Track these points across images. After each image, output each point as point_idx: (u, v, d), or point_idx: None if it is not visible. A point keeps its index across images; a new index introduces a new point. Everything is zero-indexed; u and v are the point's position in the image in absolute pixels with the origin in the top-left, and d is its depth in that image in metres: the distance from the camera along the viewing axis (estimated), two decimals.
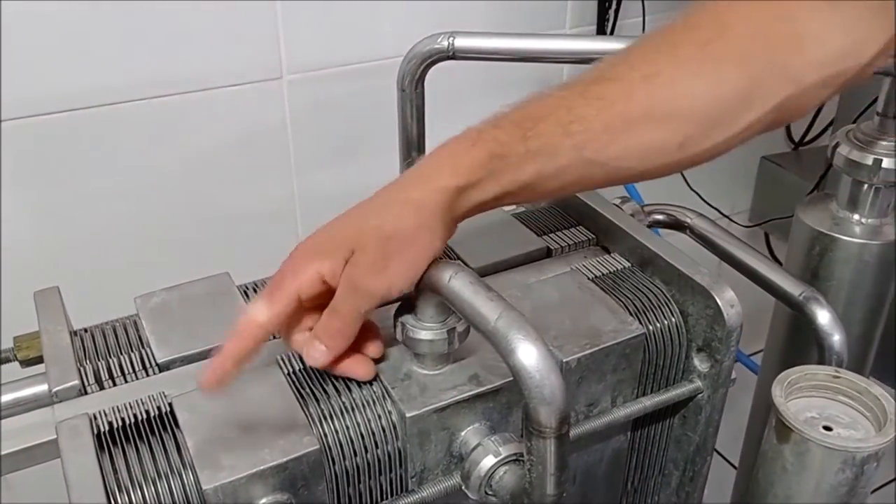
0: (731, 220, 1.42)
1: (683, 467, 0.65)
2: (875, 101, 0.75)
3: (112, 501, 0.44)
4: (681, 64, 0.47)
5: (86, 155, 0.91)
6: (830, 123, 1.35)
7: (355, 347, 0.52)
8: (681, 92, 0.46)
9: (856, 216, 0.75)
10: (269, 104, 1.01)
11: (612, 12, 1.24)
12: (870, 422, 0.44)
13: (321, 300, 0.50)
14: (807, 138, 1.45)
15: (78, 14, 0.83)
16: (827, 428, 0.44)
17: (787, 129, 1.46)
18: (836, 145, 0.75)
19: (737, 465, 1.05)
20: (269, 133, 1.03)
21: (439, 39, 0.70)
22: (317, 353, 0.50)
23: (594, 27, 1.25)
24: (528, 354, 0.42)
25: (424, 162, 0.50)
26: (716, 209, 1.32)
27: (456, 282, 0.46)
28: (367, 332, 0.53)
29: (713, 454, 0.65)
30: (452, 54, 0.71)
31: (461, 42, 0.70)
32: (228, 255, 1.04)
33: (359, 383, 0.52)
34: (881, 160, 0.72)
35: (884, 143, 0.73)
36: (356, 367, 0.52)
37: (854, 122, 0.78)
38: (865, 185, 0.74)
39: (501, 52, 0.74)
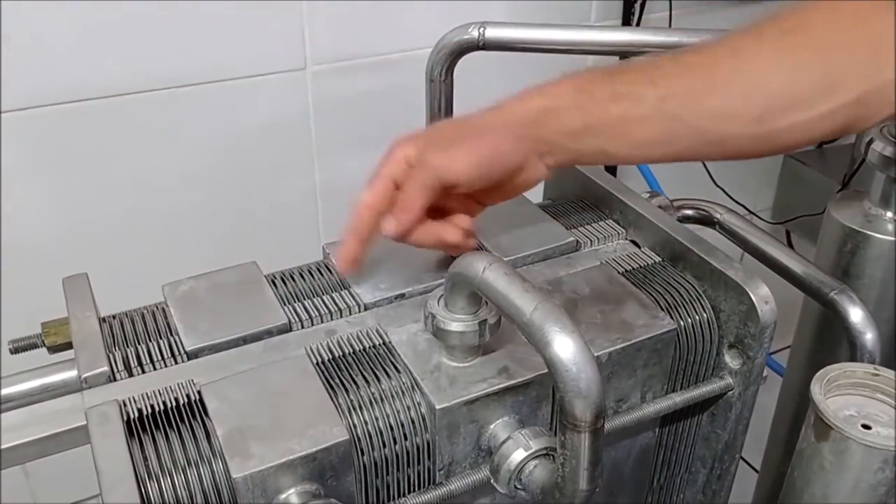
0: (756, 216, 1.40)
1: (711, 465, 0.64)
2: None
3: (142, 488, 0.44)
4: (763, 45, 0.49)
5: (109, 145, 0.91)
6: None
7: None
8: (761, 68, 0.49)
9: (889, 214, 0.74)
10: (293, 96, 1.01)
11: (637, 6, 1.23)
12: None
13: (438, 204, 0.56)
14: None
15: (102, 3, 0.83)
16: (865, 426, 0.43)
17: None
18: (871, 141, 0.74)
19: (758, 467, 1.04)
20: (291, 125, 1.03)
21: (470, 30, 0.69)
22: (388, 224, 0.55)
23: (619, 23, 1.23)
24: (564, 347, 0.42)
25: (527, 88, 0.54)
26: (741, 205, 1.31)
27: (490, 273, 0.46)
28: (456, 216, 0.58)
29: (741, 455, 0.64)
30: (483, 45, 0.70)
31: (492, 32, 0.69)
32: (249, 245, 1.04)
33: (388, 374, 0.52)
34: None
35: None
36: (445, 231, 0.57)
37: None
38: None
39: (531, 43, 0.73)
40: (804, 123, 0.48)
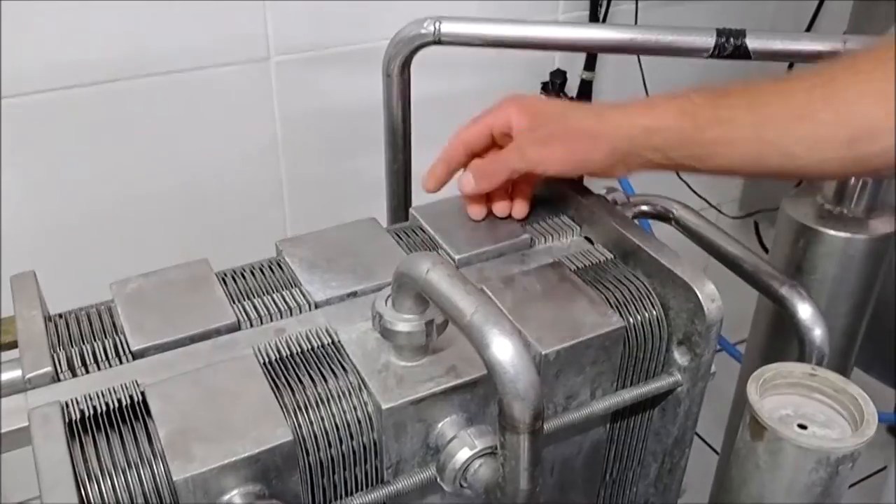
0: (719, 210, 1.42)
1: (662, 459, 0.65)
2: None
3: (82, 491, 0.44)
4: (858, 73, 0.52)
5: (63, 137, 0.90)
6: None
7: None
8: (852, 96, 0.51)
9: (842, 210, 0.75)
10: (257, 85, 1.01)
11: None
12: (846, 421, 0.44)
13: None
14: None
15: None
16: (802, 426, 0.44)
17: None
18: None
19: (719, 449, 1.05)
20: (256, 117, 1.02)
21: (425, 24, 0.69)
22: (465, 182, 0.62)
23: (587, 13, 1.23)
24: (503, 349, 0.42)
25: (630, 101, 0.59)
26: (704, 199, 1.32)
27: (433, 274, 0.46)
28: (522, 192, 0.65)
29: (692, 443, 0.65)
30: (438, 40, 0.70)
31: (448, 27, 0.69)
32: (213, 239, 1.03)
33: (335, 373, 0.52)
34: None
35: None
36: (505, 206, 0.65)
37: None
38: (853, 179, 0.74)
39: (489, 39, 0.73)
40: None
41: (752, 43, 0.64)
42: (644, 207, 0.75)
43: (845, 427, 0.44)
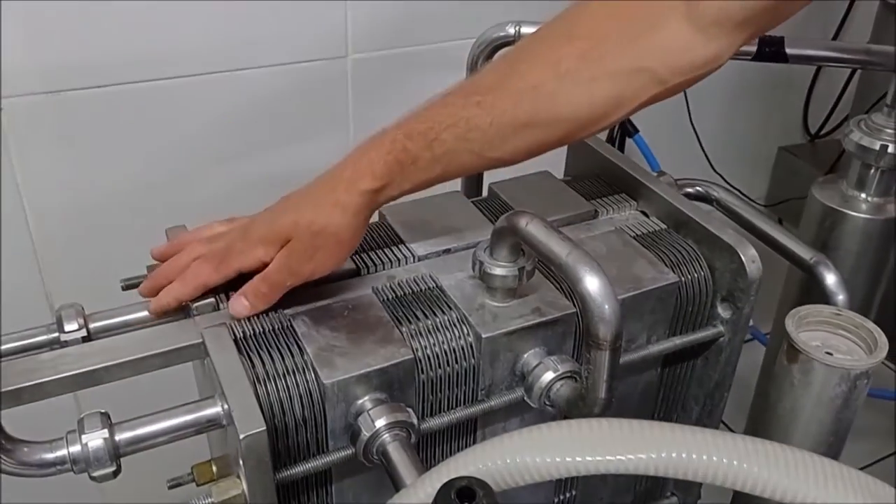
0: (750, 199, 1.52)
1: (703, 402, 0.76)
2: (885, 95, 0.85)
3: (255, 391, 0.55)
4: (562, 77, 0.56)
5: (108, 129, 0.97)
6: (846, 117, 1.45)
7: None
8: (561, 101, 0.56)
9: (863, 195, 0.86)
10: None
11: None
12: (863, 350, 0.55)
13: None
14: (822, 131, 1.54)
15: None
16: (828, 353, 0.55)
17: (805, 121, 1.56)
18: (849, 132, 0.85)
19: (740, 432, 1.15)
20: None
21: (507, 27, 0.80)
22: (240, 307, 0.61)
23: None
24: (592, 282, 0.53)
25: (349, 164, 0.59)
26: (738, 190, 1.42)
27: (532, 226, 0.57)
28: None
29: (729, 394, 0.76)
30: (518, 40, 0.81)
31: (526, 30, 0.80)
32: None
33: (441, 310, 0.63)
34: (887, 146, 0.82)
35: (890, 131, 0.83)
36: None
37: (866, 112, 0.88)
38: (872, 169, 0.85)
39: None
40: (599, 130, 0.58)
41: (789, 50, 0.75)
42: (689, 189, 0.85)
43: (862, 354, 0.54)
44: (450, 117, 0.58)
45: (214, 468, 0.63)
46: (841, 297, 0.74)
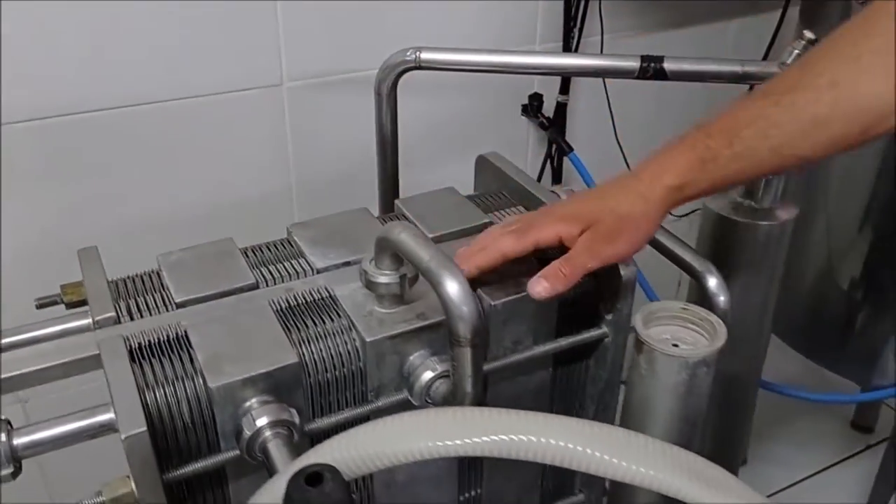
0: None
1: (597, 400, 0.80)
2: None
3: (142, 396, 0.59)
4: (862, 70, 0.58)
5: (93, 159, 1.03)
6: None
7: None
8: (862, 92, 0.58)
9: (751, 203, 0.91)
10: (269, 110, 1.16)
11: (576, 31, 1.40)
12: (707, 340, 0.59)
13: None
14: None
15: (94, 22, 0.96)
16: (675, 345, 0.59)
17: None
18: None
19: None
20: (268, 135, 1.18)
21: (408, 53, 0.85)
22: (539, 288, 0.63)
23: (560, 44, 1.40)
24: (451, 285, 0.58)
25: (652, 162, 0.64)
26: None
27: (403, 234, 0.61)
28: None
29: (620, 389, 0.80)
30: (419, 65, 0.87)
31: (426, 55, 0.85)
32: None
33: (331, 317, 0.67)
34: None
35: None
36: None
37: None
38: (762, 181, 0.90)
39: (460, 64, 0.89)
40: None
41: (668, 66, 0.81)
42: None
43: (705, 344, 0.59)
44: (749, 117, 0.60)
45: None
46: (722, 298, 0.78)
